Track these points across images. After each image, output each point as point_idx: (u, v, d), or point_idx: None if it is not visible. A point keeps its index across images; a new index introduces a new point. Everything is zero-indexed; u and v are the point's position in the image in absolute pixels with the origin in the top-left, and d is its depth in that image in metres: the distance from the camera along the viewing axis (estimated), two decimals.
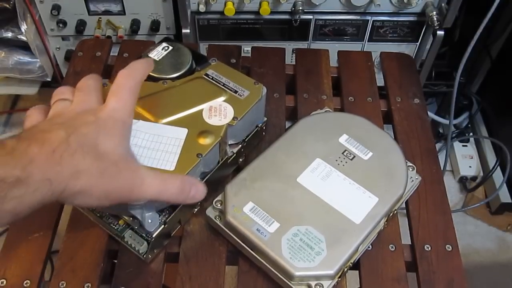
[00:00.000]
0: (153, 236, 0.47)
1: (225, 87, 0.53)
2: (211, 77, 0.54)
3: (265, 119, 0.58)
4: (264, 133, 0.59)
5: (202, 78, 0.54)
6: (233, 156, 0.54)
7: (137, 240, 0.48)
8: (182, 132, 0.49)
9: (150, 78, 0.51)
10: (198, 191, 0.45)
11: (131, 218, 0.47)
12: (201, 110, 0.51)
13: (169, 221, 0.48)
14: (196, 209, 0.53)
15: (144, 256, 0.49)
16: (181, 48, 0.55)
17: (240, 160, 0.56)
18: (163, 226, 0.47)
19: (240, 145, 0.54)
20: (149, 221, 0.46)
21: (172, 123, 0.49)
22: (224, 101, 0.52)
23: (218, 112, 0.51)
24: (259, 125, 0.56)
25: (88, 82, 0.44)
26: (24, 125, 0.42)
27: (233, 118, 0.50)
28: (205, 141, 0.49)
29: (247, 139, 0.55)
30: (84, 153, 0.37)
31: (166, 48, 0.54)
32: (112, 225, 0.49)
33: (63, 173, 0.36)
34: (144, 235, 0.48)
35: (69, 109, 0.41)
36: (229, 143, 0.53)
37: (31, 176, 0.34)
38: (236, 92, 0.53)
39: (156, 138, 0.48)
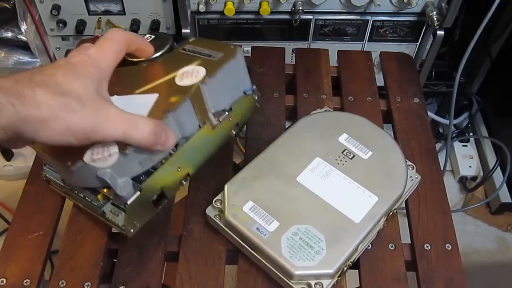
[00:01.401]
0: (128, 203, 0.45)
1: (200, 54, 0.51)
2: (187, 50, 0.53)
3: (254, 87, 0.55)
4: (258, 105, 0.56)
5: (179, 51, 0.53)
6: (220, 125, 0.51)
7: (117, 213, 0.46)
8: (152, 97, 0.47)
9: (131, 63, 0.51)
10: (168, 138, 0.44)
11: (106, 190, 0.45)
12: (174, 76, 0.49)
13: (146, 187, 0.45)
14: (184, 182, 0.50)
15: (123, 227, 0.46)
16: (164, 35, 0.54)
17: (234, 132, 0.53)
18: (139, 192, 0.45)
19: (227, 113, 0.52)
20: (122, 186, 0.44)
21: (144, 92, 0.48)
22: (197, 65, 0.50)
23: (190, 75, 0.49)
24: (248, 93, 0.54)
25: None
26: None
27: (204, 77, 0.48)
28: (175, 99, 0.46)
29: (234, 107, 0.52)
30: (46, 89, 0.38)
31: (149, 37, 0.54)
32: (93, 202, 0.48)
33: (24, 101, 0.37)
34: (122, 206, 0.46)
35: None
36: (212, 110, 0.50)
37: None
38: (210, 56, 0.51)
39: (126, 107, 0.45)
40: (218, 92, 0.50)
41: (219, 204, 0.50)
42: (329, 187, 0.51)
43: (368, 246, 0.51)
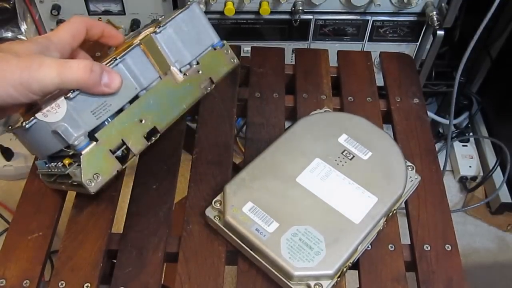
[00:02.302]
0: (83, 153, 0.44)
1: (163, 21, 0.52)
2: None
3: (225, 42, 0.54)
4: (235, 61, 0.55)
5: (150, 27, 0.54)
6: (188, 78, 0.50)
7: (78, 170, 0.45)
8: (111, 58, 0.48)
9: None
10: (113, 79, 0.44)
11: (63, 150, 0.45)
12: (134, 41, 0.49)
13: (102, 136, 0.45)
14: (154, 138, 0.48)
15: (82, 180, 0.44)
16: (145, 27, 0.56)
17: (209, 88, 0.52)
18: (94, 142, 0.44)
19: (195, 66, 0.51)
20: (74, 136, 0.43)
21: (108, 58, 0.48)
22: (155, 26, 0.50)
23: (147, 33, 0.49)
24: (216, 48, 0.53)
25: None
26: None
27: (156, 28, 0.49)
28: (125, 49, 0.46)
29: (202, 60, 0.52)
30: None
31: (132, 34, 0.56)
32: (61, 170, 0.47)
33: None
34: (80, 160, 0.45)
35: None
36: (177, 65, 0.50)
37: None
38: (169, 17, 0.51)
39: None
40: (175, 42, 0.50)
41: (218, 205, 0.50)
42: (328, 188, 0.51)
43: (368, 246, 0.51)
